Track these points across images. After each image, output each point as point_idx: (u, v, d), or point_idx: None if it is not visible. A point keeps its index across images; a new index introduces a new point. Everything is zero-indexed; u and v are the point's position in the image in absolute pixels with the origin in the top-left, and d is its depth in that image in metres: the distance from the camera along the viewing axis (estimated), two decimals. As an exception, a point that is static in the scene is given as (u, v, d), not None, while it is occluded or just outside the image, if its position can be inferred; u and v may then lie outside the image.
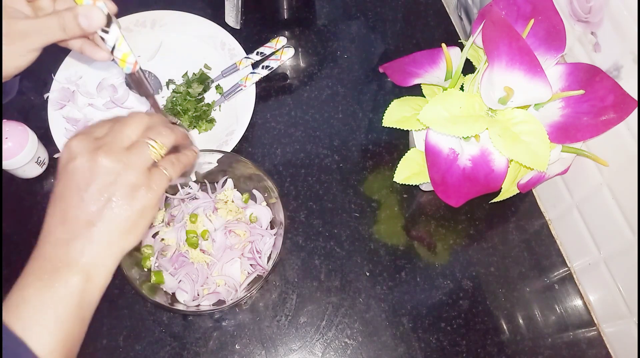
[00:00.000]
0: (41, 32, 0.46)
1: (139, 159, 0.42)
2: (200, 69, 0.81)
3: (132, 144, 0.43)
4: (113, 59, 0.49)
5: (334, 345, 0.66)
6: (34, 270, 0.40)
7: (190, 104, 0.77)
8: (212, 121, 0.78)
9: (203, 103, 0.79)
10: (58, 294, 0.39)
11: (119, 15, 0.84)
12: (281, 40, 0.82)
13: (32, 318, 0.38)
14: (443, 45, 0.62)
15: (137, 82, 0.52)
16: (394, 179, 0.66)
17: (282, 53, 0.82)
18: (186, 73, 0.81)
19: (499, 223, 0.74)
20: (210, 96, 0.81)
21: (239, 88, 0.78)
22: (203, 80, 0.80)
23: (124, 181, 0.41)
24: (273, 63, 0.81)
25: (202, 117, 0.77)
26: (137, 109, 0.80)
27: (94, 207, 0.40)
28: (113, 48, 0.48)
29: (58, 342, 0.39)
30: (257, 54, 0.81)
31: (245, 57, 0.80)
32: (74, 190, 0.40)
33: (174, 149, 0.47)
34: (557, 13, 0.59)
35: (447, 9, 0.91)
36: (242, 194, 0.71)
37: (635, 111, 0.54)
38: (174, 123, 0.49)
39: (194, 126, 0.78)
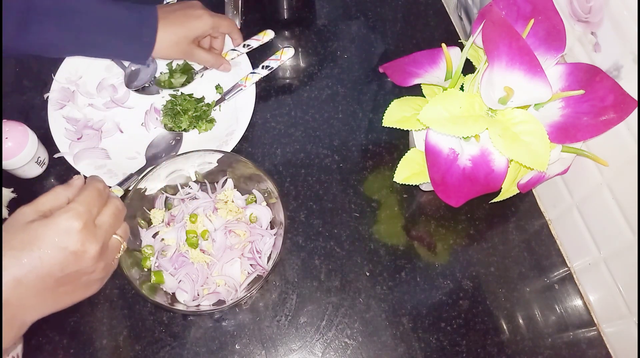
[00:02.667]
0: (202, 55, 0.77)
1: (113, 257, 0.49)
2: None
3: (111, 243, 0.48)
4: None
5: (334, 345, 0.66)
6: None
7: (190, 104, 0.78)
8: (212, 121, 0.78)
9: (203, 103, 0.79)
10: None
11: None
12: (286, 52, 0.82)
13: None
14: (443, 45, 0.62)
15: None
16: (394, 179, 0.66)
17: (282, 53, 0.82)
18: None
19: (499, 223, 0.74)
20: (210, 96, 0.81)
21: (239, 88, 0.78)
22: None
23: (96, 274, 0.47)
24: (273, 63, 0.81)
25: (202, 117, 0.77)
26: (137, 108, 0.80)
27: (58, 287, 0.44)
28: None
29: None
30: (262, 67, 0.81)
31: (252, 73, 0.80)
32: (52, 268, 0.42)
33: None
34: (557, 13, 0.59)
35: (447, 9, 0.91)
36: (243, 195, 0.71)
37: (635, 111, 0.54)
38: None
39: (194, 126, 0.78)
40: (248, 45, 0.82)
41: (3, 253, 0.42)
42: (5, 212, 0.71)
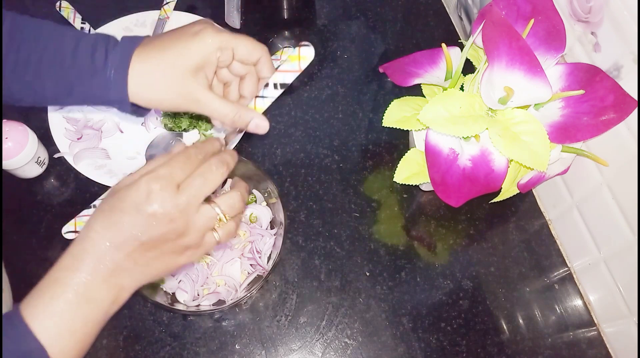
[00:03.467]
0: (213, 104, 0.48)
1: (204, 224, 0.44)
2: None
3: (204, 206, 0.44)
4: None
5: (334, 345, 0.66)
6: (69, 282, 0.40)
7: None
8: (210, 121, 0.78)
9: None
10: (90, 311, 0.41)
11: (118, 15, 0.84)
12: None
13: (60, 329, 0.40)
14: (443, 45, 0.62)
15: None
16: (394, 179, 0.66)
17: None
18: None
19: (499, 223, 0.74)
20: None
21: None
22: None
23: (182, 241, 0.43)
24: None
25: (202, 117, 0.77)
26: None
27: (145, 252, 0.42)
28: None
29: (77, 352, 0.41)
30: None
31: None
32: (136, 231, 0.41)
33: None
34: (557, 13, 0.59)
35: (447, 9, 0.91)
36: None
37: (635, 111, 0.54)
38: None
39: (194, 126, 0.78)
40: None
41: (95, 222, 0.42)
42: None
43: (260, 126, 0.51)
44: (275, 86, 0.52)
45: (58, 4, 0.84)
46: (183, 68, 0.46)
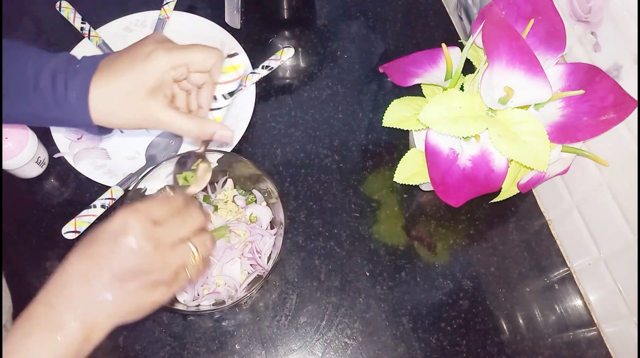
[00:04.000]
0: (175, 123, 0.49)
1: (178, 261, 0.45)
2: None
3: (179, 243, 0.45)
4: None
5: (334, 345, 0.66)
6: (41, 318, 0.41)
7: None
8: None
9: None
10: (61, 348, 0.41)
11: (119, 15, 0.84)
12: (286, 52, 0.81)
13: None
14: (443, 45, 0.62)
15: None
16: (394, 179, 0.66)
17: (282, 53, 0.82)
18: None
19: (499, 223, 0.74)
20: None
21: (239, 88, 0.78)
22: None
23: (155, 276, 0.43)
24: (273, 63, 0.81)
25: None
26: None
27: (118, 285, 0.42)
28: None
29: None
30: (262, 67, 0.81)
31: (252, 73, 0.80)
32: (110, 262, 0.42)
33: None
34: (557, 13, 0.59)
35: (447, 9, 0.91)
36: (243, 195, 0.71)
37: (635, 111, 0.54)
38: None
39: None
40: (268, 67, 0.80)
41: (73, 251, 0.43)
42: None
43: (225, 135, 0.51)
44: (223, 96, 0.53)
45: (58, 4, 0.84)
46: (140, 92, 0.47)
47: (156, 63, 0.47)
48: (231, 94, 0.53)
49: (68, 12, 0.83)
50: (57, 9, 0.84)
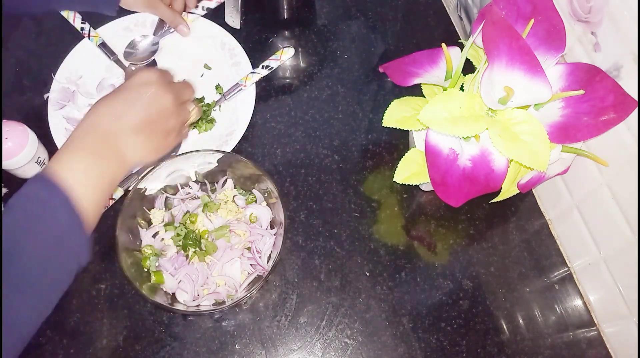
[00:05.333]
0: (164, 11, 0.80)
1: (184, 115, 0.59)
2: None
3: (184, 103, 0.59)
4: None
5: (334, 345, 0.66)
6: (88, 144, 0.50)
7: None
8: (212, 121, 0.78)
9: (203, 103, 0.79)
10: (102, 169, 0.49)
11: (119, 15, 0.84)
12: (286, 52, 0.82)
13: (80, 178, 0.47)
14: (443, 45, 0.62)
15: None
16: (394, 179, 0.66)
17: (282, 53, 0.82)
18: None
19: (499, 223, 0.74)
20: (210, 96, 0.81)
21: (239, 88, 0.78)
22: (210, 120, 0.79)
23: (169, 124, 0.56)
24: (273, 63, 0.81)
25: (201, 117, 0.77)
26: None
27: (143, 126, 0.52)
28: None
29: (91, 203, 0.48)
30: (262, 67, 0.81)
31: (252, 73, 0.80)
32: (138, 106, 0.52)
33: None
34: (557, 13, 0.59)
35: (447, 9, 0.91)
36: (243, 195, 0.71)
37: (635, 111, 0.54)
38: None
39: (194, 126, 0.77)
40: (268, 66, 0.81)
41: (98, 105, 0.53)
42: None
43: (184, 31, 0.82)
44: (202, 7, 0.85)
45: (58, 4, 0.84)
46: None
47: None
48: (269, 69, 0.80)
49: (68, 12, 0.83)
50: (57, 9, 0.84)
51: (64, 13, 0.83)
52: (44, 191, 0.45)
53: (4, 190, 0.71)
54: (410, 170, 0.66)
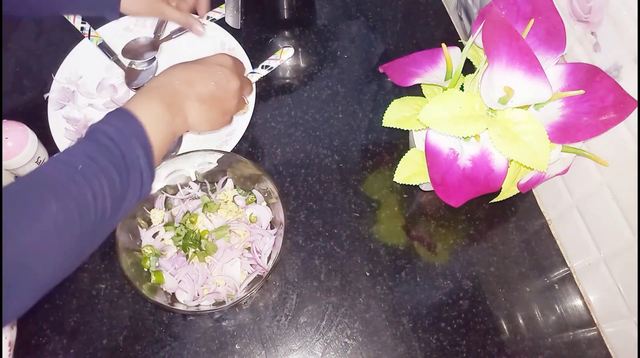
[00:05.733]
0: (172, 14, 0.77)
1: (242, 104, 0.64)
2: None
3: (244, 94, 0.64)
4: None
5: (334, 345, 0.66)
6: (161, 95, 0.53)
7: None
8: None
9: None
10: (169, 120, 0.53)
11: (119, 15, 0.84)
12: (286, 52, 0.82)
13: (152, 119, 0.51)
14: (443, 45, 0.62)
15: None
16: (394, 179, 0.66)
17: (281, 53, 0.82)
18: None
19: (499, 223, 0.74)
20: None
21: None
22: None
23: (231, 105, 0.61)
24: (272, 63, 0.81)
25: None
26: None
27: (209, 97, 0.57)
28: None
29: (158, 145, 0.51)
30: (262, 67, 0.81)
31: (251, 72, 0.80)
32: (210, 79, 0.57)
33: None
34: (557, 13, 0.59)
35: (447, 9, 0.91)
36: (243, 195, 0.71)
37: (635, 111, 0.54)
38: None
39: None
40: (267, 66, 0.81)
41: (179, 66, 0.57)
42: None
43: (199, 30, 0.79)
44: (207, 17, 0.84)
45: (58, 4, 0.84)
46: None
47: None
48: (269, 68, 0.81)
49: (68, 12, 0.83)
50: (57, 9, 0.84)
51: (64, 13, 0.83)
52: (121, 121, 0.49)
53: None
54: (410, 170, 0.66)
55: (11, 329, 0.62)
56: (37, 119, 0.76)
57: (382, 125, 0.68)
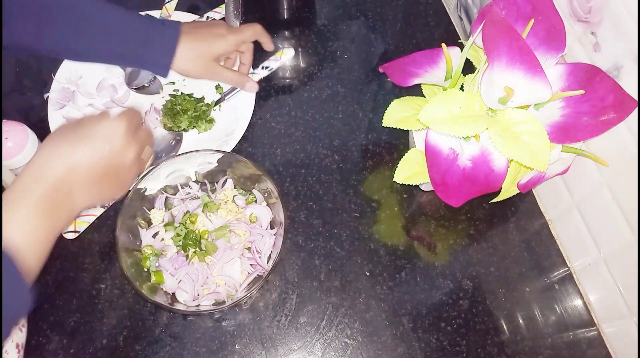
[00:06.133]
0: (225, 74, 0.74)
1: (141, 168, 0.56)
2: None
3: (139, 157, 0.55)
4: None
5: (334, 345, 0.66)
6: (38, 196, 0.46)
7: (189, 104, 0.77)
8: (211, 121, 0.78)
9: (202, 103, 0.79)
10: (51, 223, 0.47)
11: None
12: (286, 53, 0.82)
13: (28, 237, 0.45)
14: (443, 45, 0.62)
15: None
16: (394, 179, 0.66)
17: (281, 54, 0.82)
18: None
19: (499, 223, 0.74)
20: (210, 96, 0.81)
21: (239, 88, 0.78)
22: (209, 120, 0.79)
23: (129, 176, 0.54)
24: (272, 64, 0.81)
25: (201, 117, 0.77)
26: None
27: (103, 178, 0.50)
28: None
29: (36, 258, 0.46)
30: (262, 68, 0.81)
31: (251, 73, 0.80)
32: (102, 156, 0.49)
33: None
34: (557, 13, 0.59)
35: (447, 9, 0.91)
36: (243, 195, 0.71)
37: (635, 111, 0.54)
38: None
39: (194, 126, 0.77)
40: (268, 67, 0.81)
41: (58, 145, 0.48)
42: None
43: (253, 87, 0.76)
44: (263, 67, 0.81)
45: (58, 4, 0.84)
46: (211, 56, 0.70)
47: (227, 42, 0.71)
48: (269, 69, 0.80)
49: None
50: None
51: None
52: None
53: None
54: (410, 170, 0.66)
55: (20, 331, 0.62)
56: (37, 119, 0.76)
57: (382, 125, 0.68)
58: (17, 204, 0.45)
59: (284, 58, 0.81)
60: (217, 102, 0.79)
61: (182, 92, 0.80)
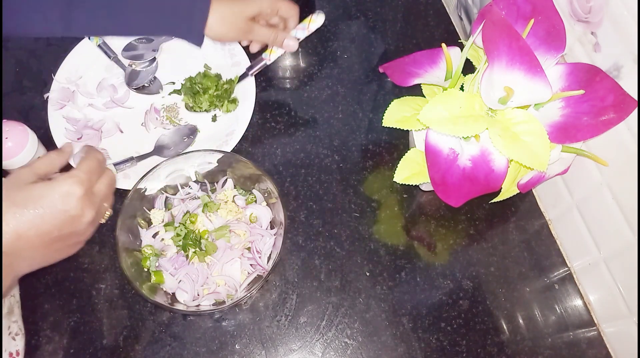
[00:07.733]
0: (262, 31, 0.70)
1: (98, 221, 0.52)
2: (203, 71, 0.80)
3: (97, 215, 0.50)
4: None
5: (334, 345, 0.66)
6: None
7: (210, 81, 0.74)
8: (234, 101, 0.75)
9: (224, 80, 0.75)
10: None
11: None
12: (315, 20, 0.75)
13: None
14: (443, 45, 0.62)
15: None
16: (394, 179, 0.66)
17: (309, 21, 0.75)
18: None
19: (499, 223, 0.74)
20: (233, 72, 0.78)
21: (263, 62, 0.76)
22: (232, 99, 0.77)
23: (81, 239, 0.50)
24: (300, 33, 0.75)
25: (223, 96, 0.74)
26: (136, 108, 0.79)
27: (52, 243, 0.46)
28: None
29: None
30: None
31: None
32: (54, 223, 0.45)
33: None
34: (557, 13, 0.59)
35: (447, 9, 0.91)
36: (243, 195, 0.71)
37: (635, 111, 0.54)
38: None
39: (215, 106, 0.74)
40: (295, 37, 0.74)
41: (5, 209, 0.44)
42: None
43: (290, 45, 0.73)
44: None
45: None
46: (246, 15, 0.68)
47: (262, 2, 0.68)
48: (297, 40, 0.73)
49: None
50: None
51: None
52: None
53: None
54: (410, 170, 0.66)
55: (13, 340, 0.62)
56: (37, 119, 0.77)
57: (382, 125, 0.68)
58: None
59: (313, 27, 0.75)
60: (241, 78, 0.77)
61: (198, 72, 0.76)
